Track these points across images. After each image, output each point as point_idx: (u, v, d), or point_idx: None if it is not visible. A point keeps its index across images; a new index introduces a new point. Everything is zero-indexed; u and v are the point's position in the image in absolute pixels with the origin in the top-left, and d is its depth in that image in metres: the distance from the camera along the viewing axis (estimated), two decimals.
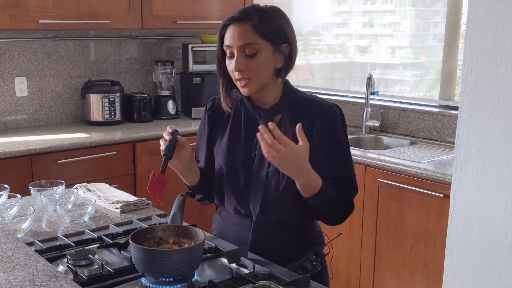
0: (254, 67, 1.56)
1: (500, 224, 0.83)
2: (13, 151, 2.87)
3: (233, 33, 1.56)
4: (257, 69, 1.57)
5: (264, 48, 1.57)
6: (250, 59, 1.56)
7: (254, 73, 1.57)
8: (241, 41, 1.55)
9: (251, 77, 1.57)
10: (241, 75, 1.57)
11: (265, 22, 1.57)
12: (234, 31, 1.56)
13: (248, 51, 1.55)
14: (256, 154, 1.65)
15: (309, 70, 4.18)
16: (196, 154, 1.83)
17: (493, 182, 0.84)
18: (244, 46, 1.55)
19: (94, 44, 3.75)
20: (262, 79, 1.59)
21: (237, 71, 1.57)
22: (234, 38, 1.56)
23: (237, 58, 1.56)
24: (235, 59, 1.56)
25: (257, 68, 1.57)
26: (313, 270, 1.62)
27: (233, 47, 1.57)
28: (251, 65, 1.56)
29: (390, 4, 3.69)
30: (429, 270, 2.63)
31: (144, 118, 3.71)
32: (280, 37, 1.59)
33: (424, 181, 2.59)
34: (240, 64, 1.56)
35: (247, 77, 1.57)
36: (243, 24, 1.56)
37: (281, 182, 1.61)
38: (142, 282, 1.38)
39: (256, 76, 1.58)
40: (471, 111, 0.86)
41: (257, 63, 1.56)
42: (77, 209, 1.86)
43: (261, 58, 1.57)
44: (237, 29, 1.56)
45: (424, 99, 3.42)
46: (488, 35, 0.82)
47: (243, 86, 1.59)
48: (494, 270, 0.85)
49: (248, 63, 1.56)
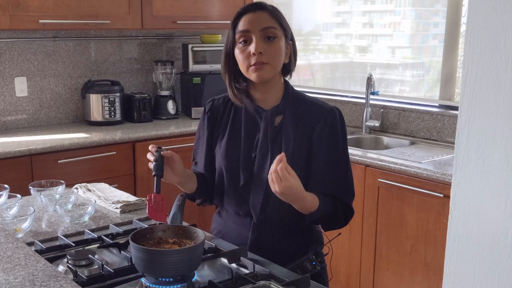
0: (272, 51, 1.59)
1: (500, 224, 0.83)
2: (13, 151, 2.88)
3: (252, 18, 1.60)
4: (274, 54, 1.59)
5: (281, 36, 1.61)
6: (269, 43, 1.59)
7: (272, 57, 1.59)
8: (262, 24, 1.59)
9: (269, 61, 1.59)
10: (259, 58, 1.58)
11: (278, 13, 1.64)
12: (253, 16, 1.60)
13: (268, 33, 1.59)
14: (257, 155, 1.65)
15: (310, 70, 4.18)
16: (194, 155, 1.82)
17: (493, 182, 0.84)
18: (264, 29, 1.58)
19: (94, 44, 3.75)
20: (277, 65, 1.62)
21: (257, 53, 1.57)
22: (254, 22, 1.59)
23: (256, 41, 1.58)
24: (255, 42, 1.58)
25: (275, 53, 1.59)
26: (312, 270, 1.62)
27: (251, 31, 1.59)
28: (270, 49, 1.59)
29: (390, 4, 3.69)
30: (429, 270, 2.63)
31: (144, 118, 3.71)
32: (289, 31, 1.65)
33: (424, 181, 2.59)
34: (260, 47, 1.57)
35: (265, 61, 1.58)
36: (261, 11, 1.61)
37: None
38: (142, 282, 1.38)
39: (273, 61, 1.60)
40: (471, 111, 0.86)
41: (276, 48, 1.60)
42: (77, 209, 1.86)
43: (279, 44, 1.60)
44: (256, 15, 1.60)
45: (424, 99, 3.42)
46: (488, 35, 0.82)
47: (258, 70, 1.59)
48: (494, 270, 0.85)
49: (266, 47, 1.58)
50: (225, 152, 1.69)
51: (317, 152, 1.62)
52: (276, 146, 1.64)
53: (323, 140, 1.62)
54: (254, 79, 1.62)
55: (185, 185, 1.70)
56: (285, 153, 1.60)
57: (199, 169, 1.78)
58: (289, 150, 1.62)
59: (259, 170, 1.65)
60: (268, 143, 1.64)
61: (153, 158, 1.59)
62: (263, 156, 1.65)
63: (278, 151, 1.62)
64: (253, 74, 1.60)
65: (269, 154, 1.64)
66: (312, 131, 1.63)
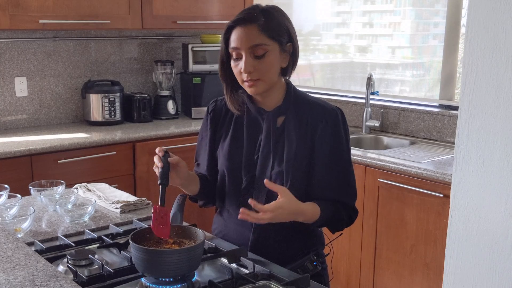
0: (263, 68, 1.56)
1: (500, 224, 0.83)
2: (13, 151, 2.87)
3: (241, 35, 1.55)
4: (266, 70, 1.57)
5: (272, 49, 1.57)
6: (259, 60, 1.56)
7: (263, 73, 1.57)
8: (250, 42, 1.54)
9: (260, 78, 1.57)
10: (249, 76, 1.56)
11: (270, 22, 1.57)
12: (242, 33, 1.55)
13: (257, 52, 1.55)
14: (259, 156, 1.65)
15: (310, 70, 4.18)
16: (197, 157, 1.82)
17: (493, 182, 0.84)
18: (252, 47, 1.55)
19: (94, 44, 3.75)
20: (270, 79, 1.60)
21: (246, 72, 1.56)
22: (242, 40, 1.55)
23: (246, 60, 1.55)
24: (244, 61, 1.55)
25: (266, 69, 1.57)
26: (313, 270, 1.63)
27: (241, 49, 1.56)
28: (260, 66, 1.56)
29: (390, 4, 3.69)
30: (429, 270, 2.63)
31: (144, 118, 3.71)
32: (285, 37, 1.60)
33: (424, 181, 2.59)
34: (249, 66, 1.55)
35: (256, 78, 1.57)
36: (250, 26, 1.55)
37: (285, 184, 1.61)
38: (142, 282, 1.38)
39: (265, 76, 1.58)
40: (471, 111, 0.86)
41: (266, 64, 1.56)
42: (77, 209, 1.86)
43: (269, 59, 1.57)
44: (244, 31, 1.55)
45: (424, 99, 3.42)
46: (488, 35, 0.82)
47: (251, 86, 1.58)
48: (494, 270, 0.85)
49: (257, 64, 1.56)
50: (227, 154, 1.69)
51: (320, 153, 1.62)
52: (278, 147, 1.64)
53: (325, 141, 1.62)
54: (249, 93, 1.63)
55: (187, 187, 1.69)
56: (288, 154, 1.61)
57: (201, 170, 1.78)
58: (292, 151, 1.61)
59: (261, 172, 1.64)
60: (270, 145, 1.64)
61: (161, 164, 1.53)
62: (265, 157, 1.64)
63: (280, 152, 1.62)
64: (248, 89, 1.61)
65: (271, 156, 1.64)
66: (314, 132, 1.63)
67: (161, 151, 1.56)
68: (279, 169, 1.62)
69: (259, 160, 1.65)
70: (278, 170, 1.62)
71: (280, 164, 1.62)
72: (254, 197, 1.64)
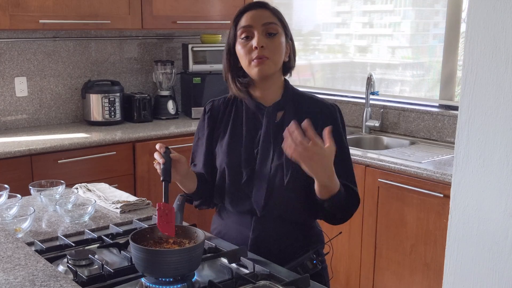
0: (273, 46, 1.63)
1: (500, 224, 0.83)
2: (13, 151, 2.88)
3: (255, 14, 1.65)
4: (276, 49, 1.63)
5: (282, 33, 1.66)
6: (271, 38, 1.63)
7: (273, 52, 1.62)
8: (264, 20, 1.63)
9: (270, 56, 1.62)
10: (261, 52, 1.60)
11: (279, 13, 1.69)
12: (255, 13, 1.65)
13: (270, 29, 1.63)
14: (259, 150, 1.66)
15: (310, 70, 4.18)
16: (193, 157, 1.81)
17: (493, 182, 0.84)
18: (266, 24, 1.63)
19: (94, 44, 3.75)
20: (278, 60, 1.65)
21: (259, 47, 1.60)
22: (256, 18, 1.64)
23: (258, 36, 1.62)
24: (257, 37, 1.62)
25: (276, 48, 1.63)
26: (313, 269, 1.62)
27: (254, 26, 1.62)
28: (271, 44, 1.62)
29: (390, 4, 3.69)
30: (429, 270, 2.63)
31: (144, 118, 3.71)
32: (289, 31, 1.70)
33: (424, 181, 2.59)
34: (262, 41, 1.61)
35: (266, 55, 1.61)
36: (262, 9, 1.66)
37: (285, 176, 1.61)
38: (142, 282, 1.38)
39: (274, 56, 1.63)
40: (471, 111, 0.86)
41: (277, 43, 1.63)
42: (77, 209, 1.86)
43: (280, 40, 1.65)
44: (258, 12, 1.66)
45: (424, 99, 3.42)
46: (488, 35, 0.82)
47: (260, 64, 1.61)
48: (494, 270, 0.85)
49: (268, 42, 1.62)
50: (226, 150, 1.69)
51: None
52: (278, 142, 1.64)
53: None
54: (255, 74, 1.63)
55: (185, 184, 1.69)
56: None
57: (198, 170, 1.78)
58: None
59: (261, 166, 1.65)
60: (270, 139, 1.66)
61: (162, 160, 1.53)
62: (265, 151, 1.65)
63: (280, 145, 1.62)
64: (254, 68, 1.62)
65: (271, 150, 1.65)
66: (314, 125, 1.63)
67: (162, 147, 1.56)
68: (279, 161, 1.62)
69: (259, 154, 1.66)
70: (278, 163, 1.62)
71: (280, 157, 1.63)
72: (254, 191, 1.65)
